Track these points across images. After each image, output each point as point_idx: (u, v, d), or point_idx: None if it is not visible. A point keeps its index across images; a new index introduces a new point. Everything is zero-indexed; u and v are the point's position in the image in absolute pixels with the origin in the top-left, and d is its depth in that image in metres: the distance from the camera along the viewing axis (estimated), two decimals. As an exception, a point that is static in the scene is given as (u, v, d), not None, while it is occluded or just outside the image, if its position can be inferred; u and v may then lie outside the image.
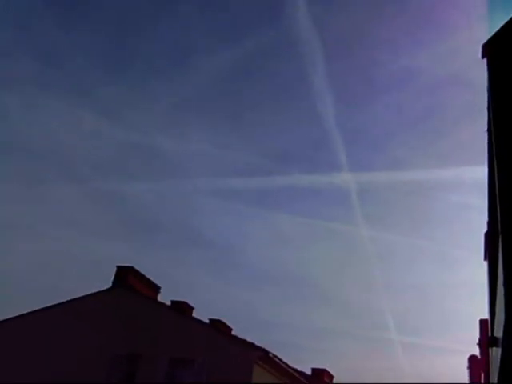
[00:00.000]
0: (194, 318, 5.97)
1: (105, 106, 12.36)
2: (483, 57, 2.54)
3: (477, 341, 4.32)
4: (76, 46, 11.05)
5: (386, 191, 14.55)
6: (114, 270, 6.15)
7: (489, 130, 2.58)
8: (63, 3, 10.62)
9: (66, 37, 11.10)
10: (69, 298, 6.13)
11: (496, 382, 2.52)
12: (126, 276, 6.06)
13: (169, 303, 6.27)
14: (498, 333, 2.28)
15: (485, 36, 2.54)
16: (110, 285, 6.11)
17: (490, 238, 3.16)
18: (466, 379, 4.81)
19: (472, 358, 4.59)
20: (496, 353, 2.55)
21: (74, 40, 10.94)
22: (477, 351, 4.46)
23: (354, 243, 14.48)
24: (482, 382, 4.60)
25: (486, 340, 3.77)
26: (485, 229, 3.55)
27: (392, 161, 14.01)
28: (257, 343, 5.51)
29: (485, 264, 4.00)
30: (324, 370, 7.85)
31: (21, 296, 9.05)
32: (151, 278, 6.33)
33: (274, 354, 5.54)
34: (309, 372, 7.36)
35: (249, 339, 5.66)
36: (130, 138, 11.97)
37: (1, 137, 11.90)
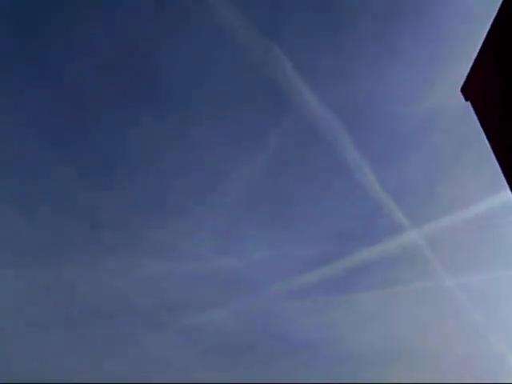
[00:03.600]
0: None
1: (156, 245, 12.37)
2: (466, 100, 2.62)
3: None
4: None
5: (455, 234, 14.24)
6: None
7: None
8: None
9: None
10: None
11: None
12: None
13: None
14: None
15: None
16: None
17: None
18: None
19: None
20: None
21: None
22: None
23: (442, 296, 14.06)
24: None
25: None
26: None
27: (448, 203, 13.78)
28: None
29: None
30: None
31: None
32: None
33: None
34: None
35: None
36: (198, 268, 12.03)
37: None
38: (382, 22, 10.09)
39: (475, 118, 2.96)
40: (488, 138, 2.47)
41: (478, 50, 2.71)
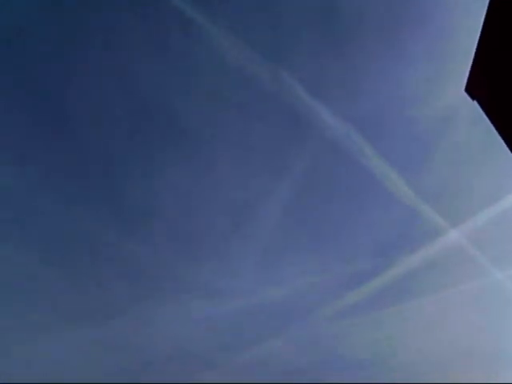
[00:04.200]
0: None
1: (202, 286, 12.50)
2: (473, 99, 2.63)
3: None
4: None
5: (495, 227, 13.93)
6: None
7: None
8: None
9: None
10: None
11: None
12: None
13: None
14: None
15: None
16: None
17: None
18: None
19: None
20: None
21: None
22: None
23: (495, 291, 13.70)
24: None
25: None
26: None
27: (482, 197, 13.53)
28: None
29: None
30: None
31: None
32: None
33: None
34: None
35: None
36: (246, 303, 12.13)
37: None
38: (384, 27, 10.15)
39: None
40: (500, 134, 2.47)
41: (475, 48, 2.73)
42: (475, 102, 2.69)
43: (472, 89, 2.68)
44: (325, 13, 9.78)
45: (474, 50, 2.79)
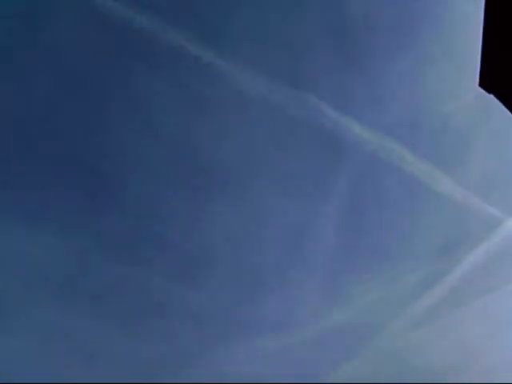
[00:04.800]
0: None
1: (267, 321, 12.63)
2: (489, 93, 2.58)
3: None
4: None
5: None
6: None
7: None
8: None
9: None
10: None
11: None
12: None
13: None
14: None
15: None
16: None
17: None
18: None
19: None
20: None
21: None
22: None
23: None
24: None
25: None
26: None
27: None
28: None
29: None
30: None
31: None
32: None
33: None
34: None
35: None
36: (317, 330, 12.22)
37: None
38: (395, 32, 10.13)
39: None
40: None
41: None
42: (492, 96, 2.65)
43: (486, 83, 2.65)
44: (335, 30, 9.85)
45: (480, 43, 2.75)
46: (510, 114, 2.81)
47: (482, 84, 2.67)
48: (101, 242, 10.46)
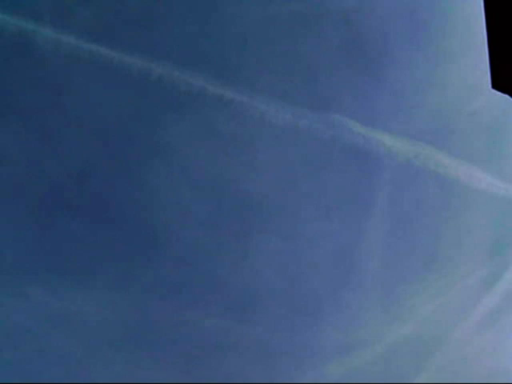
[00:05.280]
0: None
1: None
2: (504, 93, 2.56)
3: None
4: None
5: None
6: None
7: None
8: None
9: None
10: None
11: None
12: None
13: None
14: None
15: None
16: None
17: None
18: None
19: None
20: None
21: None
22: None
23: None
24: None
25: None
26: None
27: None
28: None
29: None
30: None
31: None
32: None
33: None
34: None
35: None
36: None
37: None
38: (409, 38, 10.14)
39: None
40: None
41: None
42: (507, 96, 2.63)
43: (498, 84, 2.63)
44: (347, 45, 9.93)
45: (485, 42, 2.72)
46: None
47: (495, 85, 2.65)
48: (154, 291, 10.64)
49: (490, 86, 2.71)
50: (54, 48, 7.00)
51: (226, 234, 11.69)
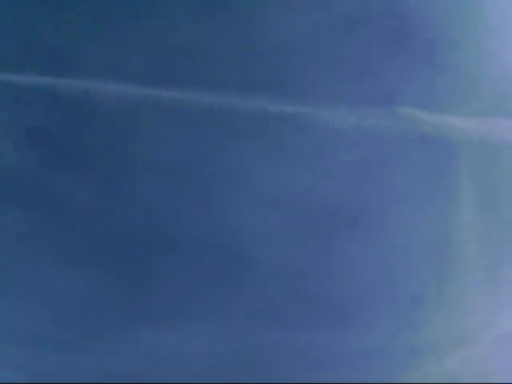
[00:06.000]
0: None
1: None
2: None
3: None
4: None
5: None
6: None
7: None
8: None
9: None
10: None
11: None
12: None
13: None
14: None
15: None
16: None
17: None
18: None
19: None
20: None
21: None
22: None
23: None
24: None
25: None
26: None
27: None
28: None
29: None
30: None
31: None
32: None
33: None
34: None
35: None
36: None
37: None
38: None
39: None
40: None
41: None
42: None
43: None
44: (396, 34, 9.81)
45: None
46: None
47: None
48: (249, 316, 10.67)
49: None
50: (117, 99, 7.29)
51: (314, 245, 11.60)
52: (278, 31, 8.83)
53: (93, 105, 7.29)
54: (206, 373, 8.92)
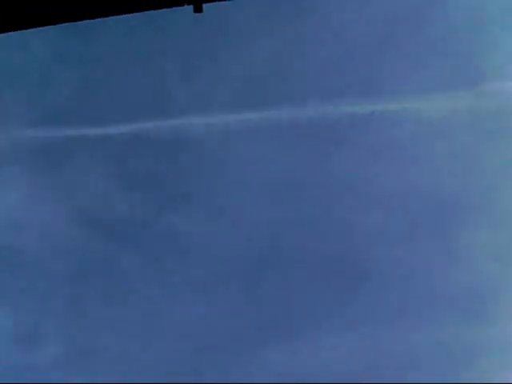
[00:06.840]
0: None
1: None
2: None
3: None
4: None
5: None
6: None
7: None
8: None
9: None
10: None
11: None
12: None
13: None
14: None
15: None
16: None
17: None
18: None
19: None
20: None
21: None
22: None
23: None
24: None
25: None
26: None
27: None
28: None
29: None
30: None
31: None
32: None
33: None
34: None
35: None
36: None
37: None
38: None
39: None
40: None
41: None
42: None
43: None
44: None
45: None
46: None
47: None
48: (381, 320, 10.35)
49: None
50: (205, 131, 7.39)
51: (425, 241, 11.12)
52: (339, 34, 8.62)
53: (186, 141, 7.40)
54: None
